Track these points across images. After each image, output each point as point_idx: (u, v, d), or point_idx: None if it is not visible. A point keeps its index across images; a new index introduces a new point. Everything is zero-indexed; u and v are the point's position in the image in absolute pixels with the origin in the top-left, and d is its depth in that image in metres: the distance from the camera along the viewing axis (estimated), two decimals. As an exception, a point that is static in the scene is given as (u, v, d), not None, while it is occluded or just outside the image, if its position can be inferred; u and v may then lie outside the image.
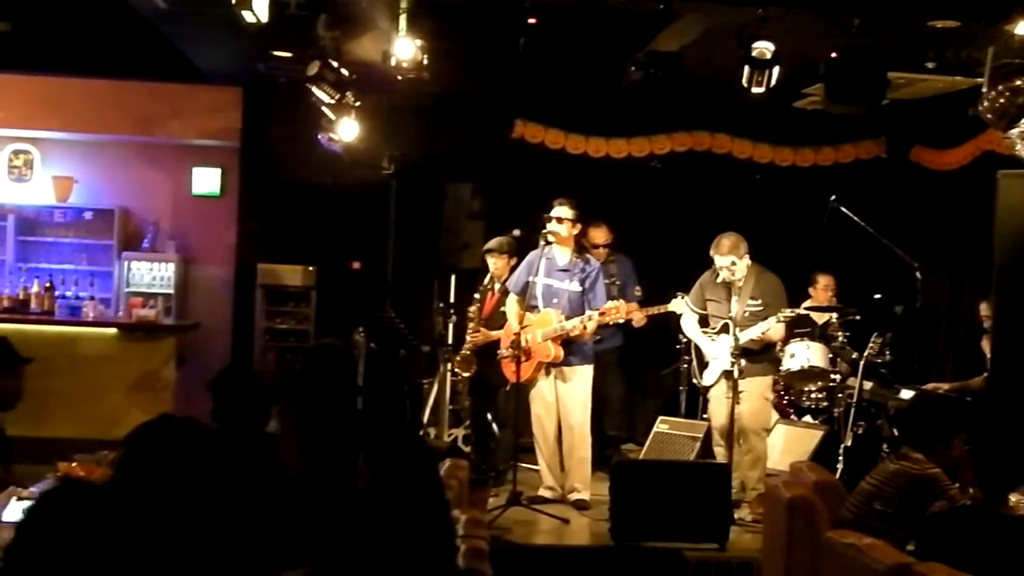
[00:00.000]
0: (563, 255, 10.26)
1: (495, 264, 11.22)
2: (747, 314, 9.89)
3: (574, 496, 10.16)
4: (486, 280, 11.43)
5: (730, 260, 9.82)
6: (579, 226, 10.43)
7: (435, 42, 9.27)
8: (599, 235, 11.88)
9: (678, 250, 12.65)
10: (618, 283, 11.62)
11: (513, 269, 11.01)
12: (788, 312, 9.94)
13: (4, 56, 12.90)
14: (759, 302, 9.97)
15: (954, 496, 5.89)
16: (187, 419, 4.21)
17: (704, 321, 10.36)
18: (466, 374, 11.15)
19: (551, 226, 10.13)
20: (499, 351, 10.51)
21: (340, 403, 6.06)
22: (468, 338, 11.19)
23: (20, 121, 13.36)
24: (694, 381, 10.61)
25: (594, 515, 9.80)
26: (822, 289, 11.91)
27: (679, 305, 10.49)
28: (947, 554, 5.17)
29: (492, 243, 11.34)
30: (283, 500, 5.14)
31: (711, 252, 9.98)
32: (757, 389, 10.03)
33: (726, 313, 9.88)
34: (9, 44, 12.57)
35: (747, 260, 9.94)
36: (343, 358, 6.46)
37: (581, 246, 10.76)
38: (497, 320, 10.99)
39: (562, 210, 10.19)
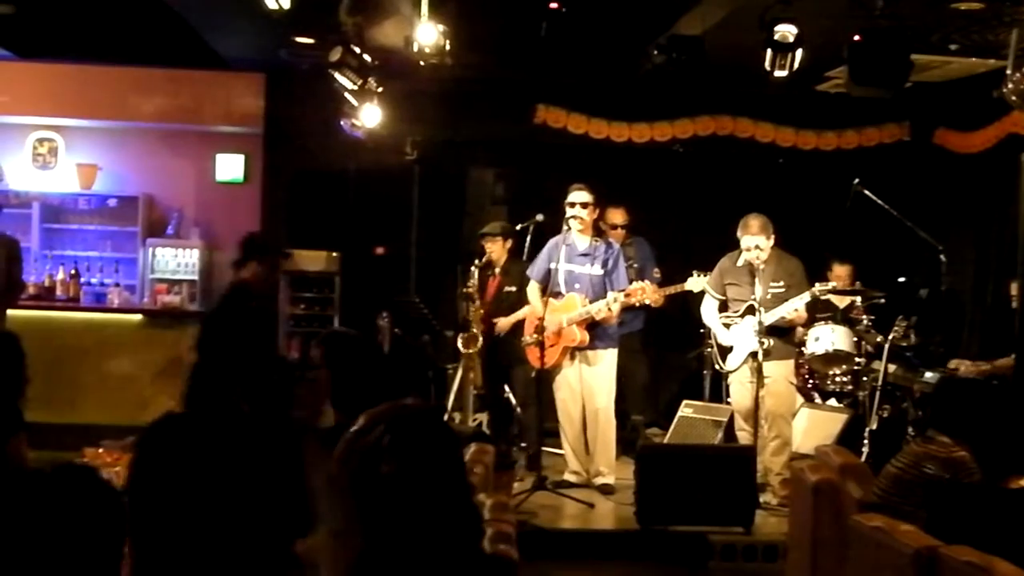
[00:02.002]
0: (583, 240, 10.27)
1: (492, 248, 11.21)
2: (769, 297, 9.87)
3: (599, 480, 10.18)
4: (479, 262, 11.43)
5: (756, 241, 9.81)
6: (597, 210, 10.45)
7: (457, 27, 9.28)
8: (617, 216, 11.86)
9: (701, 234, 12.64)
10: (636, 266, 11.61)
11: (511, 252, 11.06)
12: (821, 287, 9.91)
13: (28, 44, 12.95)
14: (781, 284, 9.96)
15: (979, 480, 5.88)
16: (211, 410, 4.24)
17: (724, 306, 10.36)
18: (470, 351, 11.14)
19: (574, 212, 10.13)
20: (523, 337, 10.52)
21: (358, 388, 6.06)
22: (471, 318, 11.18)
23: (44, 109, 13.40)
24: (716, 367, 10.60)
25: (619, 499, 9.82)
26: (840, 280, 11.82)
27: (696, 283, 10.50)
28: (953, 531, 5.17)
29: (488, 227, 11.36)
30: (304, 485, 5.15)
31: (739, 232, 9.96)
32: (781, 373, 10.02)
33: (748, 296, 9.88)
34: (33, 32, 12.61)
35: (772, 241, 9.93)
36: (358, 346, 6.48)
37: (598, 228, 10.77)
38: (499, 303, 11.03)
39: (582, 195, 10.19)
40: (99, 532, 2.54)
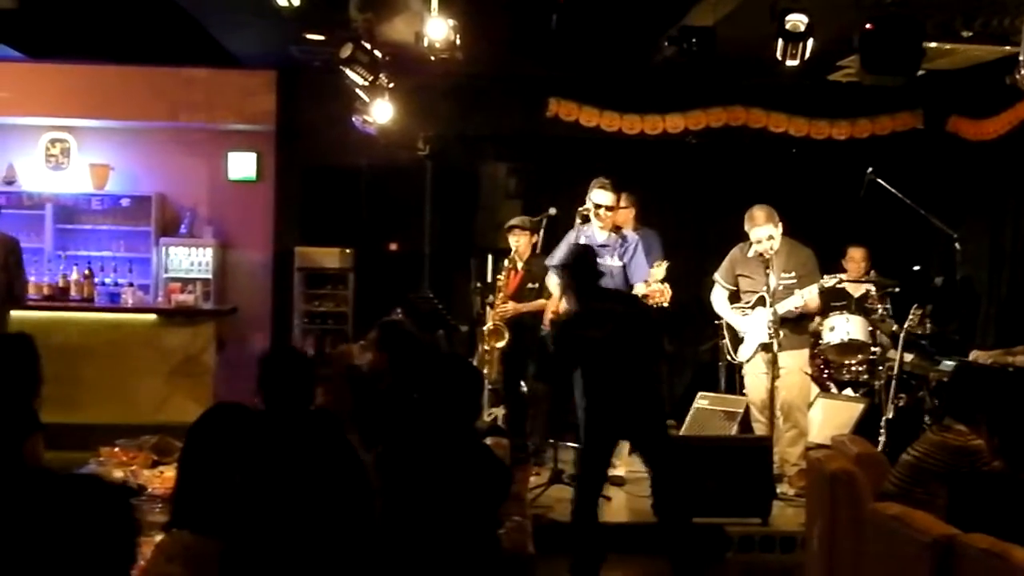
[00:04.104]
0: (601, 232, 10.23)
1: (517, 241, 11.18)
2: (781, 287, 9.85)
3: (611, 472, 10.15)
4: (509, 257, 11.40)
5: (767, 231, 9.80)
6: (620, 209, 10.40)
7: (467, 22, 9.27)
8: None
9: (715, 225, 12.63)
10: None
11: (535, 246, 11.01)
12: (829, 278, 9.89)
13: (40, 45, 12.98)
14: (792, 275, 9.94)
15: (997, 468, 5.86)
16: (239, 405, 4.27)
17: (735, 297, 10.34)
18: (499, 345, 11.12)
19: (600, 213, 10.05)
20: (542, 327, 10.50)
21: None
22: (497, 310, 11.16)
23: (56, 109, 13.43)
24: (729, 358, 10.58)
25: (636, 491, 9.80)
26: (855, 262, 11.84)
27: (659, 272, 10.33)
28: (976, 520, 5.15)
29: (515, 220, 11.30)
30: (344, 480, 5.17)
31: (746, 226, 9.95)
32: (796, 363, 10.01)
33: (760, 287, 9.87)
34: (44, 33, 12.64)
35: (780, 229, 9.91)
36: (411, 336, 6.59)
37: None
38: (522, 298, 10.99)
39: (605, 196, 10.09)
40: (109, 536, 2.54)
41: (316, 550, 4.33)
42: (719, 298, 10.42)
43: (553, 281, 10.43)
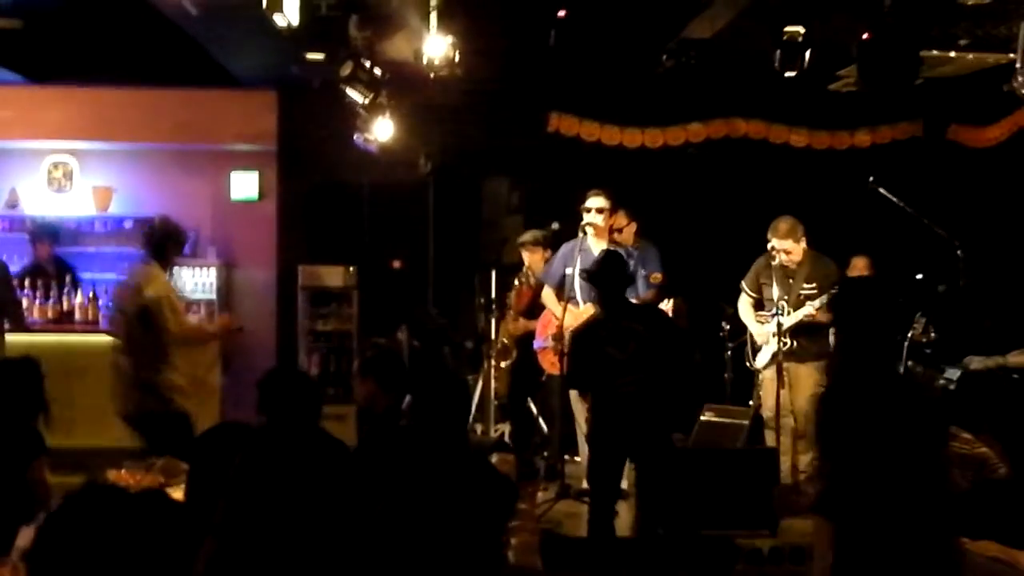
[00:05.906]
0: (599, 246, 10.22)
1: (530, 257, 11.19)
2: (801, 297, 9.89)
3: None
4: (521, 273, 11.40)
5: (786, 246, 9.85)
6: (614, 216, 10.43)
7: (466, 38, 9.29)
8: (619, 219, 11.77)
9: (719, 238, 12.63)
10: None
11: (547, 261, 11.01)
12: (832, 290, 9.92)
13: (41, 68, 13.00)
14: (814, 286, 9.95)
15: (1004, 476, 5.86)
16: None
17: (760, 305, 10.37)
18: (505, 364, 11.12)
19: (590, 217, 10.10)
20: (536, 341, 10.50)
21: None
22: (508, 327, 11.16)
23: (58, 132, 13.45)
24: (747, 364, 10.60)
25: (642, 504, 9.78)
26: (859, 271, 11.85)
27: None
28: (983, 527, 5.15)
29: (526, 236, 11.33)
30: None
31: (768, 235, 10.00)
32: (812, 374, 9.99)
33: (780, 297, 9.90)
34: (45, 56, 12.66)
35: (803, 244, 9.95)
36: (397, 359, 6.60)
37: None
38: (535, 313, 10.98)
39: (598, 200, 10.16)
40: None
41: (317, 568, 4.33)
42: (743, 305, 10.47)
43: (548, 296, 10.44)
